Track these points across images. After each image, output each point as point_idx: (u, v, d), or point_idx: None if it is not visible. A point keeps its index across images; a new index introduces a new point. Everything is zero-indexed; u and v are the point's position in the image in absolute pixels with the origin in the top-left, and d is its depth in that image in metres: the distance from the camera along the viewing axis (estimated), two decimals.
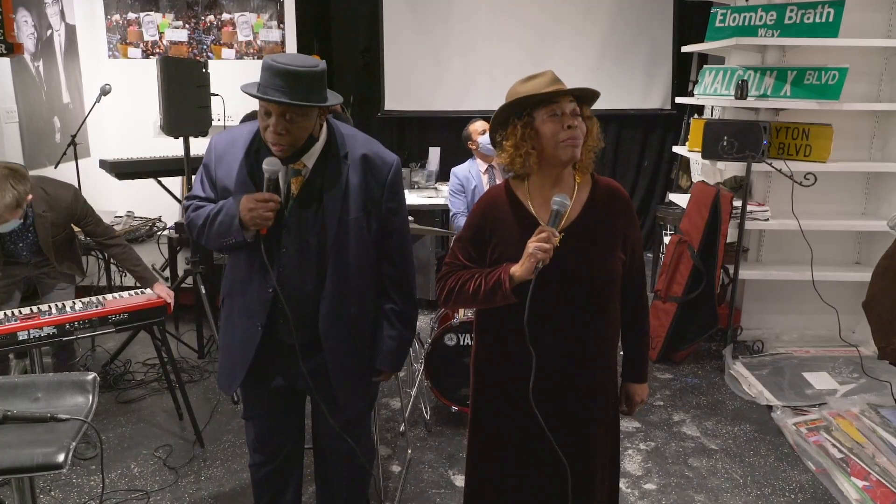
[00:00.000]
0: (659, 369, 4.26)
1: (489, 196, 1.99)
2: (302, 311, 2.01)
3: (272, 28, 6.15)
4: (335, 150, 2.00)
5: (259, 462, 2.27)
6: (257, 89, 1.85)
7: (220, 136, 2.07)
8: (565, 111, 1.82)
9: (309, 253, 1.99)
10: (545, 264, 1.74)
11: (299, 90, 1.81)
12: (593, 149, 1.90)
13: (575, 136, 1.81)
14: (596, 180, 1.96)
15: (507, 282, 1.79)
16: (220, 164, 2.02)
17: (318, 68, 1.85)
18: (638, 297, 2.01)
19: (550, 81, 1.85)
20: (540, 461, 1.93)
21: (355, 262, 2.02)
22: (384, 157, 2.04)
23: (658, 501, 2.95)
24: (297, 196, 1.98)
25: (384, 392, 3.85)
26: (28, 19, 5.08)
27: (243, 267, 2.04)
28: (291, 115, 1.84)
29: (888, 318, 3.22)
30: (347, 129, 2.06)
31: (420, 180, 5.97)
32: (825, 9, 4.17)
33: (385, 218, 2.05)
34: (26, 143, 4.88)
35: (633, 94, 6.63)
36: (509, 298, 1.80)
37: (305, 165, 1.97)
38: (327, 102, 1.90)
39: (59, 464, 1.70)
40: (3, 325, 2.75)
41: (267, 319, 2.01)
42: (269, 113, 1.86)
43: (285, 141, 1.87)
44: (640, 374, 2.07)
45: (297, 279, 2.00)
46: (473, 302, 1.90)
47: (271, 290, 1.99)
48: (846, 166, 4.36)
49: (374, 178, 2.01)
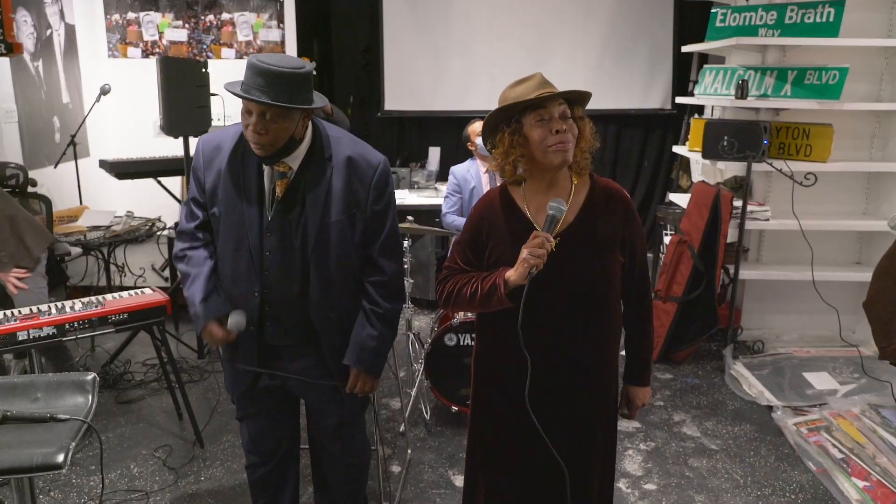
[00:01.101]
0: (659, 369, 4.25)
1: (486, 199, 1.98)
2: (288, 313, 2.01)
3: (272, 28, 6.15)
4: (319, 151, 1.98)
5: (255, 463, 2.27)
6: (241, 87, 1.84)
7: (207, 139, 2.06)
8: (553, 115, 1.80)
9: (293, 255, 1.98)
10: (539, 270, 1.73)
11: (281, 91, 1.80)
12: (588, 150, 1.88)
13: (564, 141, 1.79)
14: (595, 181, 1.94)
15: (503, 286, 1.78)
16: (209, 168, 2.01)
17: (303, 70, 1.84)
18: (640, 300, 1.99)
19: (538, 85, 1.82)
20: (538, 463, 1.93)
21: (338, 265, 2.01)
22: (369, 159, 2.01)
23: (658, 501, 2.94)
24: (282, 198, 1.97)
25: (384, 392, 3.85)
26: (27, 19, 5.07)
27: (228, 271, 2.03)
28: (272, 115, 1.83)
29: (888, 318, 3.21)
30: (334, 131, 2.04)
31: (420, 180, 5.97)
32: (825, 8, 4.17)
33: (371, 220, 2.02)
34: (26, 142, 4.88)
35: (633, 94, 6.62)
36: (504, 303, 1.80)
37: (290, 167, 1.96)
38: (311, 105, 1.88)
39: (58, 464, 1.69)
40: (3, 325, 2.75)
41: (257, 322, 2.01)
42: (249, 112, 1.85)
43: (264, 140, 1.86)
44: (642, 377, 2.06)
45: (282, 282, 1.99)
46: (470, 306, 1.89)
47: (257, 294, 1.99)
48: (846, 166, 4.36)
49: (359, 180, 1.99)
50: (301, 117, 1.90)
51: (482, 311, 1.91)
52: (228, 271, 2.03)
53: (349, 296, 2.06)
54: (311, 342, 2.05)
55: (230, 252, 2.00)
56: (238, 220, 1.97)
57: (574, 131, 1.82)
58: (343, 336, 2.07)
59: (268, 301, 2.00)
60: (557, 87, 1.86)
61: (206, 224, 2.06)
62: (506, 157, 1.85)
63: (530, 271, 1.72)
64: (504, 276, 1.79)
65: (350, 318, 2.08)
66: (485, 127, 1.89)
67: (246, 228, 1.97)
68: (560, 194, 1.88)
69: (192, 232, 2.07)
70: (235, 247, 1.99)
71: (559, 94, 1.81)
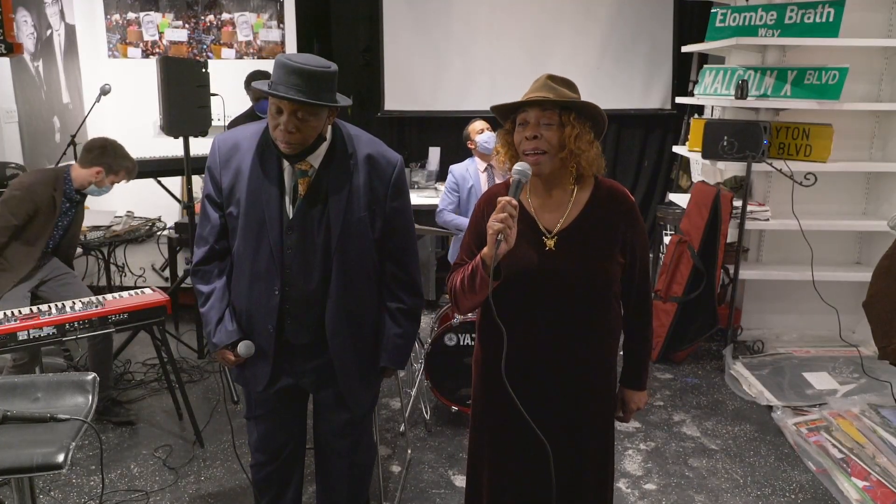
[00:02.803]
0: (659, 369, 4.26)
1: (489, 196, 1.98)
2: (307, 310, 2.02)
3: (272, 28, 6.15)
4: (341, 149, 2.00)
5: (261, 462, 2.27)
6: (269, 87, 1.86)
7: (223, 138, 2.06)
8: (530, 121, 1.80)
9: (314, 253, 1.99)
10: (507, 236, 1.68)
11: (313, 89, 1.82)
12: (580, 157, 1.82)
13: (535, 147, 1.79)
14: (599, 182, 1.93)
15: (482, 264, 1.77)
16: (226, 168, 2.02)
17: (331, 69, 1.87)
18: (640, 303, 1.98)
19: (538, 87, 1.83)
20: (537, 462, 1.93)
21: (359, 261, 2.03)
22: (388, 157, 2.05)
23: (658, 501, 2.94)
24: (305, 196, 1.99)
25: (384, 392, 3.85)
26: (28, 19, 5.07)
27: (247, 269, 2.03)
28: (304, 113, 1.85)
29: (888, 318, 3.21)
30: (352, 129, 2.07)
31: (420, 180, 5.97)
32: (825, 8, 4.17)
33: (389, 217, 2.05)
34: (26, 143, 4.87)
35: (633, 94, 6.62)
36: (487, 283, 1.75)
37: (312, 166, 1.98)
38: (338, 104, 1.91)
39: (58, 464, 1.70)
40: (3, 325, 2.75)
41: (277, 320, 2.02)
42: (280, 111, 1.86)
43: (295, 139, 1.88)
44: (639, 380, 2.04)
45: (302, 279, 2.00)
46: (463, 293, 1.87)
47: (277, 292, 1.99)
48: (846, 166, 4.36)
49: (379, 177, 2.02)
50: (328, 116, 1.93)
51: (476, 298, 1.86)
52: (247, 270, 2.03)
53: (367, 293, 2.09)
54: (327, 340, 2.07)
55: (250, 251, 2.01)
56: (258, 218, 1.98)
57: (551, 138, 1.79)
58: (353, 339, 2.08)
59: (287, 298, 2.01)
60: (564, 89, 1.85)
61: (222, 230, 2.07)
62: (504, 154, 1.88)
63: (497, 239, 1.68)
64: (480, 255, 1.78)
65: (364, 319, 2.09)
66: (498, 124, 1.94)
67: (266, 227, 1.97)
68: (561, 193, 1.88)
69: (206, 239, 2.08)
70: (255, 245, 1.99)
71: (536, 102, 1.79)
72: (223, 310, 2.07)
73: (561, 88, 1.83)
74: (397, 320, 2.12)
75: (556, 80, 1.85)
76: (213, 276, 2.09)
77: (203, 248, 2.09)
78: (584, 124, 1.83)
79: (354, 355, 2.09)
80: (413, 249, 2.15)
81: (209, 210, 2.07)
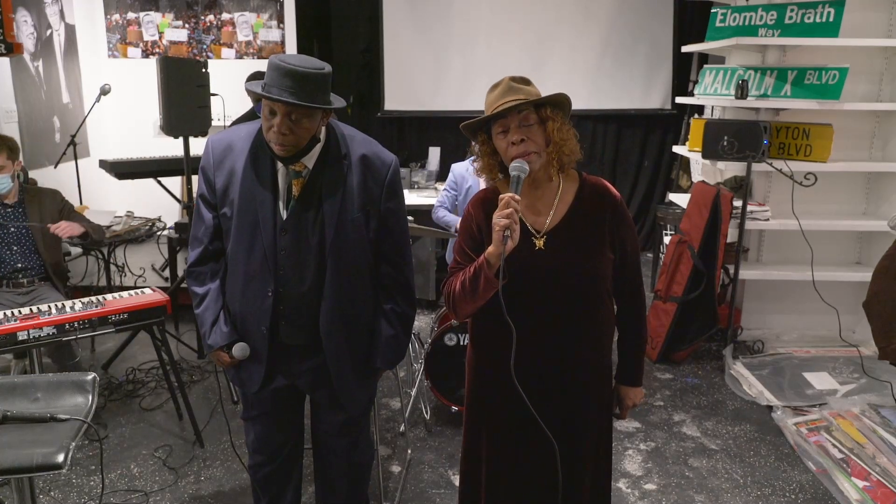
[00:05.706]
0: (659, 369, 4.26)
1: (477, 198, 1.99)
2: (302, 312, 2.02)
3: (272, 28, 6.16)
4: (335, 150, 2.00)
5: (259, 462, 2.27)
6: (262, 88, 1.85)
7: (217, 139, 2.06)
8: (509, 126, 1.81)
9: (308, 254, 1.99)
10: (513, 232, 1.69)
11: (307, 91, 1.81)
12: (563, 147, 1.84)
13: (524, 151, 1.80)
14: (584, 180, 1.94)
15: (486, 265, 1.77)
16: (220, 168, 2.01)
17: (325, 71, 1.86)
18: (632, 298, 1.99)
19: (502, 93, 1.83)
20: (532, 458, 1.94)
21: (354, 262, 2.03)
22: (383, 158, 2.04)
23: (658, 501, 2.94)
24: (299, 197, 1.98)
25: (384, 392, 3.85)
26: (28, 19, 5.08)
27: (241, 270, 2.03)
28: (297, 115, 1.84)
29: (888, 318, 3.21)
30: (346, 130, 2.06)
31: (420, 180, 5.97)
32: (825, 8, 4.17)
33: (384, 218, 2.05)
34: (26, 142, 4.87)
35: (633, 94, 6.63)
36: (492, 283, 1.77)
37: (306, 167, 1.97)
38: (332, 105, 1.90)
39: (58, 464, 1.70)
40: (3, 325, 2.75)
41: (270, 322, 2.02)
42: (273, 112, 1.85)
43: (289, 141, 1.87)
44: (634, 376, 2.05)
45: (296, 281, 2.00)
46: (464, 296, 1.87)
47: (271, 293, 1.99)
48: (846, 166, 4.36)
49: (373, 178, 2.01)
50: (321, 117, 1.92)
51: (477, 301, 1.86)
52: (241, 271, 2.03)
53: (361, 293, 2.08)
54: (321, 341, 2.06)
55: (243, 252, 2.01)
56: (252, 219, 1.98)
57: (537, 136, 1.81)
58: (348, 339, 2.07)
59: (281, 300, 2.01)
60: (537, 87, 1.87)
61: (216, 230, 2.06)
62: (485, 163, 1.90)
63: (504, 235, 1.69)
64: (485, 256, 1.78)
65: (358, 320, 2.09)
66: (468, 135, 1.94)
67: (260, 228, 1.97)
68: (546, 193, 1.89)
69: (201, 239, 2.08)
70: (249, 246, 1.99)
71: (509, 108, 1.79)
72: (218, 311, 2.08)
73: (527, 87, 1.85)
74: (391, 322, 2.11)
75: (517, 81, 1.86)
76: (207, 277, 2.09)
77: (197, 249, 2.09)
78: (558, 114, 1.86)
79: (349, 356, 2.09)
80: (407, 251, 2.14)
81: (203, 210, 2.06)
